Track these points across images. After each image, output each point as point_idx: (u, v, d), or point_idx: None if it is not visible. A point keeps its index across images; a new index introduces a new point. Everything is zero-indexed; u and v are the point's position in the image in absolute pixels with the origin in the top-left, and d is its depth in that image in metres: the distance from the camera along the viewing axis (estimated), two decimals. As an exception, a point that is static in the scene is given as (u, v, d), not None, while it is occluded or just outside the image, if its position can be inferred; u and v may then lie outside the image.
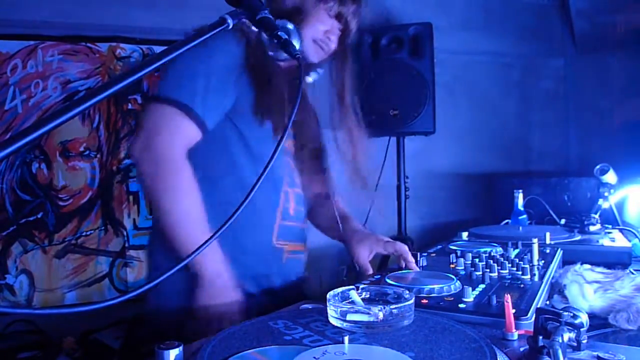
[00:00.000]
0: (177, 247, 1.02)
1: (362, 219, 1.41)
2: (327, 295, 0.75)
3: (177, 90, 1.04)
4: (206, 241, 0.61)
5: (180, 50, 0.62)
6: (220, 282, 1.04)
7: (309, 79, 1.26)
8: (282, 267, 1.20)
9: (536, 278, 0.98)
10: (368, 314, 0.70)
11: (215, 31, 0.68)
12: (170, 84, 1.06)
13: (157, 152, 1.00)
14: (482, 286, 0.93)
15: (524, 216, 1.90)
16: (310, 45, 1.18)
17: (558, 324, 0.61)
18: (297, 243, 1.25)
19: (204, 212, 1.03)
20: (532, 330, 0.64)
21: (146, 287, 0.58)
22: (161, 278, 0.58)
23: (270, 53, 1.07)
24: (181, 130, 1.02)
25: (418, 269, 1.11)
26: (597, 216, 1.70)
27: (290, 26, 1.00)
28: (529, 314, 0.76)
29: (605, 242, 1.45)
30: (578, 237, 1.53)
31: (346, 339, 0.64)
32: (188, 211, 1.02)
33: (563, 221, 1.84)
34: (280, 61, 1.11)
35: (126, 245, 2.58)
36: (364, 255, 1.22)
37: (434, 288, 0.89)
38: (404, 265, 1.14)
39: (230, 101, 1.10)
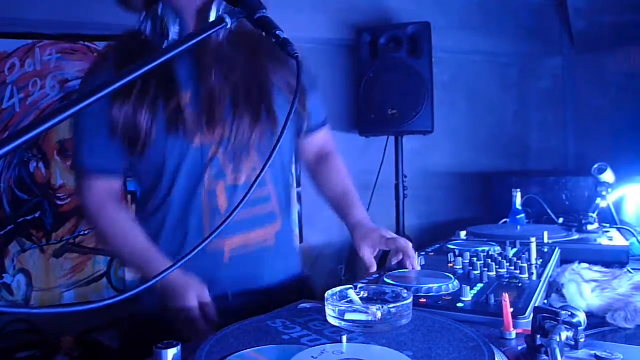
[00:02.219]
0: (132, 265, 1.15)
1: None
2: (326, 295, 0.75)
3: (74, 155, 1.16)
4: (193, 250, 0.61)
5: (178, 50, 0.62)
6: (177, 284, 1.03)
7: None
8: (225, 268, 1.11)
9: (534, 277, 0.98)
10: (366, 313, 0.70)
11: (213, 30, 0.68)
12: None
13: (83, 211, 1.17)
14: (480, 285, 0.93)
15: (522, 215, 1.90)
16: None
17: (556, 323, 0.61)
18: (243, 235, 1.13)
19: (136, 230, 1.11)
20: (530, 329, 0.64)
21: (144, 286, 0.58)
22: (159, 278, 0.58)
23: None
24: (88, 188, 1.14)
25: (419, 267, 1.10)
26: (595, 215, 1.70)
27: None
28: (527, 313, 0.76)
29: (603, 241, 1.45)
30: (576, 236, 1.53)
31: (344, 338, 0.64)
32: (120, 239, 1.13)
33: (561, 220, 1.84)
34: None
35: (124, 244, 2.58)
36: (368, 252, 1.18)
37: (432, 287, 0.89)
38: (407, 264, 1.10)
39: (113, 135, 1.09)
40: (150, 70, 1.04)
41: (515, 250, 1.26)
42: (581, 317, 0.63)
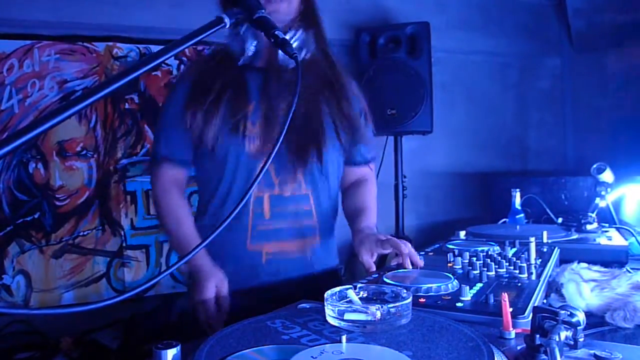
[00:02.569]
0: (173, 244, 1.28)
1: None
2: (325, 295, 0.75)
3: (153, 145, 1.33)
4: (202, 242, 0.61)
5: (178, 50, 0.62)
6: (201, 275, 1.15)
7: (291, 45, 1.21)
8: (263, 268, 1.23)
9: (533, 277, 0.98)
10: (366, 313, 0.70)
11: (212, 30, 0.68)
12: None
13: (153, 194, 1.31)
14: (479, 285, 0.93)
15: (522, 215, 1.90)
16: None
17: (555, 323, 0.61)
18: (280, 242, 1.24)
19: (187, 218, 1.25)
20: (529, 328, 0.64)
21: (143, 287, 0.58)
22: (158, 278, 0.58)
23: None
24: (159, 173, 1.28)
25: (420, 262, 1.09)
26: (594, 215, 1.70)
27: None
28: (526, 313, 0.76)
29: (602, 240, 1.45)
30: (575, 236, 1.53)
31: (344, 338, 0.64)
32: (173, 219, 1.25)
33: (560, 220, 1.85)
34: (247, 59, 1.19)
35: (124, 245, 2.58)
36: (367, 257, 1.17)
37: (431, 287, 0.89)
38: (405, 264, 1.09)
39: (187, 131, 1.22)
40: (227, 79, 1.20)
41: (514, 250, 1.26)
42: (580, 317, 0.63)
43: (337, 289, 0.78)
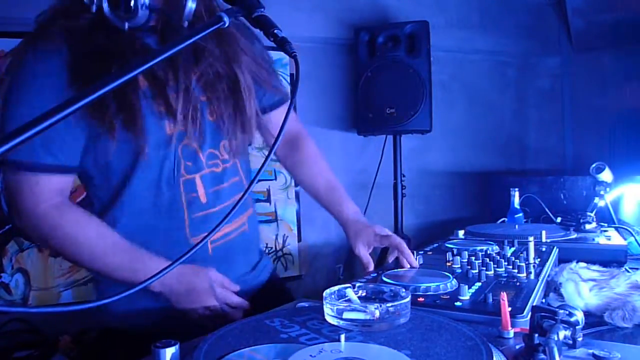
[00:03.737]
0: (111, 276, 0.99)
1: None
2: (324, 294, 0.75)
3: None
4: (184, 254, 0.60)
5: (175, 49, 0.62)
6: (168, 289, 0.98)
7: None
8: (211, 259, 1.06)
9: (532, 276, 0.98)
10: (364, 312, 0.70)
11: (210, 29, 0.68)
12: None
13: (31, 219, 0.96)
14: (478, 284, 0.93)
15: (520, 214, 1.90)
16: None
17: (554, 322, 0.61)
18: (226, 224, 1.06)
19: (113, 232, 0.98)
20: (528, 328, 0.64)
21: (141, 285, 0.58)
22: (156, 277, 0.57)
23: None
24: (37, 190, 0.95)
25: (415, 263, 1.11)
26: (593, 214, 1.71)
27: None
28: (524, 312, 0.76)
29: (601, 240, 1.45)
30: (574, 236, 1.53)
31: (342, 337, 0.64)
32: (95, 239, 0.98)
33: (559, 219, 1.85)
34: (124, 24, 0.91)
35: (122, 243, 2.58)
36: (364, 250, 1.19)
37: (430, 286, 0.89)
38: (403, 262, 1.12)
39: (75, 125, 0.95)
40: (116, 45, 0.92)
41: (513, 249, 1.26)
42: (579, 316, 0.63)
43: (336, 287, 0.78)
